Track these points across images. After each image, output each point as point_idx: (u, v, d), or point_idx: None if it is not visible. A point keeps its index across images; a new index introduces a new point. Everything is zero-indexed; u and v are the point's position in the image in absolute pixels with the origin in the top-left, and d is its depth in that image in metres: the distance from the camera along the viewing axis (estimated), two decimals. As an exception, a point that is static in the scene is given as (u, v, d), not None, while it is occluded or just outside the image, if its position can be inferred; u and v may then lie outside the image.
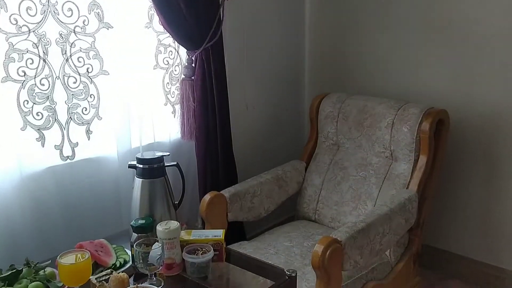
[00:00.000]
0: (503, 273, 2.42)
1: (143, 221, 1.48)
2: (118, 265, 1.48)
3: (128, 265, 1.49)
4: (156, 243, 1.41)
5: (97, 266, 1.48)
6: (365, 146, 2.32)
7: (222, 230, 1.58)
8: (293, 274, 1.44)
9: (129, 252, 1.56)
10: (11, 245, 1.68)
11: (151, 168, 1.55)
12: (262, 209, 2.30)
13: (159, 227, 1.46)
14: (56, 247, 1.74)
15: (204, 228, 2.16)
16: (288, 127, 2.92)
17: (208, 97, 2.19)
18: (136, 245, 1.40)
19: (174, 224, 1.48)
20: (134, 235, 1.48)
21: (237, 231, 2.35)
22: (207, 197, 2.07)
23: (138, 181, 1.55)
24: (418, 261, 2.27)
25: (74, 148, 1.82)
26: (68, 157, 1.81)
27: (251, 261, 1.59)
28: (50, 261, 1.48)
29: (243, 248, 2.10)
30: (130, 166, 1.57)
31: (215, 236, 1.54)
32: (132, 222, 1.48)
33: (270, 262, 1.95)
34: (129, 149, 2.00)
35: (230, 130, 2.31)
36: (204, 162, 2.25)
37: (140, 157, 1.57)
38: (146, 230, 1.47)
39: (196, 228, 2.41)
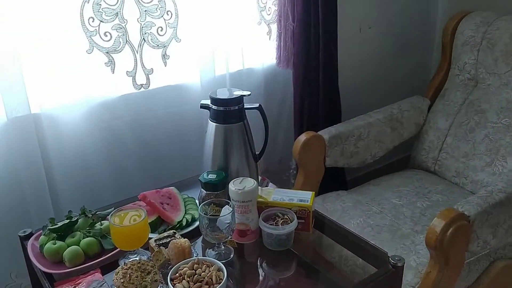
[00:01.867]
0: None
1: (214, 176, 1.20)
2: (184, 223, 1.24)
3: (196, 225, 1.25)
4: (227, 206, 1.13)
5: (161, 221, 1.26)
6: (515, 85, 1.76)
7: (311, 192, 1.25)
8: (399, 264, 1.09)
9: (200, 207, 1.32)
10: (80, 180, 1.54)
11: (227, 111, 1.23)
12: (368, 155, 1.92)
13: (232, 186, 1.17)
14: (128, 183, 1.59)
15: (297, 171, 1.86)
16: (411, 54, 2.37)
17: (311, 15, 1.77)
18: (203, 205, 1.14)
19: (251, 183, 1.18)
20: (203, 191, 1.21)
21: (335, 177, 2.01)
22: (302, 137, 1.74)
23: (211, 126, 1.25)
24: None
25: (149, 75, 1.57)
26: (142, 85, 1.57)
27: (345, 234, 1.26)
28: (113, 209, 1.29)
29: (341, 200, 1.77)
30: (203, 106, 1.27)
31: (301, 200, 1.22)
32: (201, 176, 1.21)
33: (372, 221, 1.61)
34: (213, 77, 1.70)
35: (336, 56, 1.88)
36: (302, 95, 1.88)
37: (214, 96, 1.25)
38: (217, 187, 1.20)
39: (288, 167, 2.13)
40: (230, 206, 1.12)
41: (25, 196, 1.44)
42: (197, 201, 1.34)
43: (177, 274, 1.03)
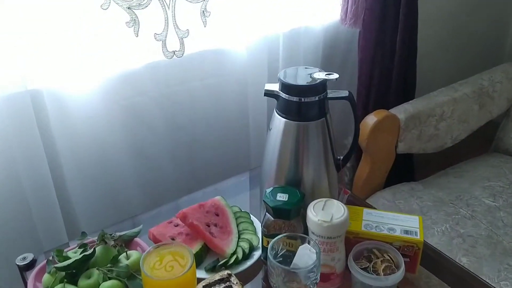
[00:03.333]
0: None
1: (285, 197, 0.84)
2: (240, 256, 0.91)
3: (255, 258, 0.91)
4: (308, 246, 0.78)
5: (207, 249, 0.93)
6: None
7: (417, 217, 0.90)
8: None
9: (258, 226, 0.98)
10: (96, 176, 1.20)
11: (304, 103, 0.84)
12: (448, 138, 1.55)
13: (313, 215, 0.81)
14: (157, 178, 1.26)
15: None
16: (489, 12, 1.92)
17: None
18: (273, 244, 0.79)
19: (340, 210, 0.82)
20: (268, 217, 0.86)
21: (401, 164, 1.65)
22: (371, 119, 1.37)
23: (279, 121, 0.87)
24: None
25: (183, 39, 1.18)
26: (174, 52, 1.18)
27: (464, 276, 0.92)
28: (141, 226, 0.96)
29: (417, 197, 1.43)
30: (268, 94, 0.88)
31: (407, 231, 0.87)
32: (265, 196, 0.86)
33: (462, 230, 1.28)
34: (263, 37, 1.31)
35: (417, 14, 1.46)
36: (372, 62, 1.49)
37: (285, 80, 0.86)
38: (290, 214, 0.84)
39: (340, 148, 1.76)
40: (313, 248, 0.78)
41: (26, 201, 1.10)
42: (253, 219, 1.00)
43: None
